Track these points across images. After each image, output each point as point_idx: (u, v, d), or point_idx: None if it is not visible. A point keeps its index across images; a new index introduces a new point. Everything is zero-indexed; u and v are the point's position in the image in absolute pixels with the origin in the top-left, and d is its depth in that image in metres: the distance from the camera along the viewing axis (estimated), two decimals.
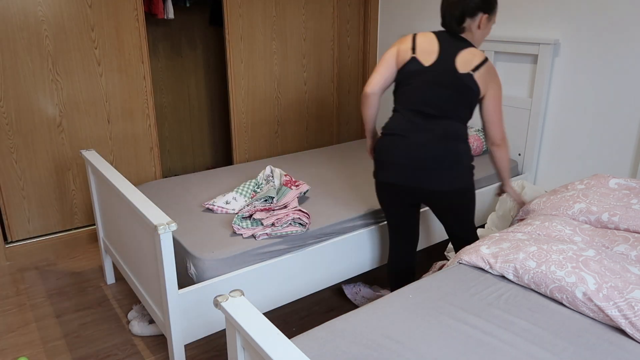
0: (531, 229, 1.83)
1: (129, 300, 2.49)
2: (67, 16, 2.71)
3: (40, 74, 2.72)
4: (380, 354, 1.28)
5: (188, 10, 3.68)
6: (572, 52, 2.69)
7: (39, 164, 2.83)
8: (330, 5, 3.69)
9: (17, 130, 2.73)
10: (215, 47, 3.91)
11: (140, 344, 2.18)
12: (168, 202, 2.35)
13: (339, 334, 1.36)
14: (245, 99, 3.50)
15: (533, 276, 1.55)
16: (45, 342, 2.19)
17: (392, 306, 1.50)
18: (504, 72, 3.04)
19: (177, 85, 3.84)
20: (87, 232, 3.07)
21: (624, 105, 2.52)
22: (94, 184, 2.44)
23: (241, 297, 1.23)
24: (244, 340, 1.19)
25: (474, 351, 1.30)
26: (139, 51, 2.97)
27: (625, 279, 1.46)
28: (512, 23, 2.96)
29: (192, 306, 1.82)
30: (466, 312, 1.47)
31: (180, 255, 1.96)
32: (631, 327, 1.35)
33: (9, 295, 2.55)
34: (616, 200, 1.91)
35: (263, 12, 3.40)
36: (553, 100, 2.83)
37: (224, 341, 2.21)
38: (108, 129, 2.99)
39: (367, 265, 2.34)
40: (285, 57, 3.60)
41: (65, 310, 2.42)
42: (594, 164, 2.70)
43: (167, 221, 1.66)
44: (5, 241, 2.88)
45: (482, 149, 3.02)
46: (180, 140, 3.98)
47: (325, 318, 2.36)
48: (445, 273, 1.69)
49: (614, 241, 1.72)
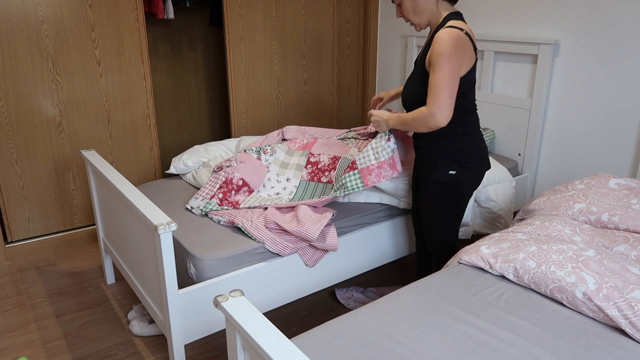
0: (531, 229, 1.83)
1: (129, 300, 2.49)
2: (67, 16, 2.71)
3: (40, 74, 2.72)
4: (380, 354, 1.28)
5: (188, 10, 3.68)
6: (572, 52, 2.69)
7: (39, 164, 2.83)
8: (330, 5, 3.69)
9: (17, 130, 2.73)
10: (215, 47, 3.91)
11: (140, 344, 2.18)
12: (168, 202, 2.35)
13: (339, 334, 1.36)
14: (245, 99, 3.50)
15: (533, 276, 1.55)
16: (45, 342, 2.19)
17: (392, 306, 1.49)
18: (504, 72, 3.04)
19: (177, 85, 3.84)
20: (87, 232, 3.07)
21: (624, 105, 2.52)
22: (94, 184, 2.44)
23: (241, 297, 1.23)
24: (244, 340, 1.19)
25: (474, 351, 1.30)
26: (139, 51, 2.97)
27: (625, 279, 1.46)
28: (512, 23, 2.96)
29: (192, 306, 1.82)
30: (466, 312, 1.46)
31: (180, 255, 1.96)
32: (631, 327, 1.35)
33: (9, 295, 2.55)
34: (616, 200, 1.91)
35: (263, 12, 3.40)
36: (553, 100, 2.83)
37: (224, 341, 2.21)
38: (108, 129, 2.99)
39: (368, 265, 2.35)
40: (285, 57, 3.60)
41: (65, 310, 2.42)
42: (594, 164, 2.70)
43: (167, 221, 1.66)
44: (5, 241, 2.88)
45: None
46: (180, 139, 3.98)
47: (325, 318, 2.36)
48: (445, 273, 1.69)
49: (614, 241, 1.72)
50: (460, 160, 1.89)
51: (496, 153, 3.14)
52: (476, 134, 1.92)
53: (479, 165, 1.94)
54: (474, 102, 1.92)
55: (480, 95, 3.15)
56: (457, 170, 1.89)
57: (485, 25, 3.12)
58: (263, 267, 1.96)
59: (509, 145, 3.06)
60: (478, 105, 3.17)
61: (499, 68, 3.06)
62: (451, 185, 1.93)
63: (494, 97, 3.08)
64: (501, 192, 2.65)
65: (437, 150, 1.90)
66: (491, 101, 3.09)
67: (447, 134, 1.87)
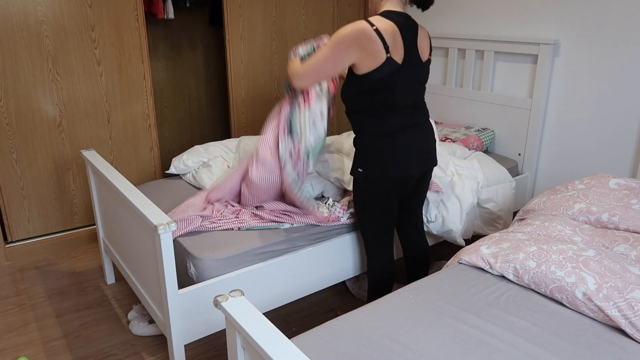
0: (531, 229, 1.83)
1: (129, 300, 2.49)
2: (67, 16, 2.71)
3: (40, 74, 2.72)
4: (380, 354, 1.28)
5: (188, 10, 3.68)
6: (572, 52, 2.69)
7: (39, 164, 2.83)
8: (330, 5, 3.69)
9: (17, 130, 2.73)
10: (215, 47, 3.91)
11: (140, 344, 2.18)
12: (168, 202, 2.35)
13: (339, 334, 1.36)
14: (245, 99, 3.50)
15: (533, 276, 1.55)
16: (45, 342, 2.19)
17: (392, 306, 1.50)
18: (504, 72, 3.04)
19: (177, 85, 3.84)
20: (87, 232, 3.07)
21: (624, 105, 2.52)
22: (94, 184, 2.44)
23: (241, 297, 1.23)
24: (244, 340, 1.19)
25: (474, 351, 1.30)
26: (139, 51, 2.97)
27: (625, 279, 1.46)
28: (512, 23, 2.96)
29: (192, 306, 1.82)
30: (466, 312, 1.47)
31: (180, 255, 1.96)
32: (631, 327, 1.35)
33: (9, 295, 2.55)
34: (616, 201, 1.91)
35: (263, 12, 3.40)
36: (553, 100, 2.83)
37: (224, 341, 2.21)
38: (108, 129, 2.99)
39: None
40: (285, 57, 3.60)
41: (65, 310, 2.42)
42: (594, 164, 2.70)
43: (167, 221, 1.66)
44: (5, 241, 2.88)
45: (483, 148, 3.02)
46: (180, 140, 3.98)
47: (325, 318, 2.36)
48: (445, 273, 1.69)
49: (614, 241, 1.72)
50: (370, 160, 1.85)
51: (496, 153, 3.14)
52: (395, 137, 1.82)
53: (391, 168, 1.84)
54: (397, 104, 1.79)
55: (480, 95, 3.15)
56: (364, 169, 1.86)
57: (485, 25, 3.12)
58: (263, 267, 1.96)
59: (509, 145, 3.06)
60: (478, 105, 3.17)
61: (499, 68, 3.06)
62: (361, 183, 1.92)
63: (494, 97, 3.08)
64: (501, 192, 2.65)
65: (357, 148, 1.90)
66: (491, 101, 3.09)
67: (365, 134, 1.85)
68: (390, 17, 1.75)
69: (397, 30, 1.74)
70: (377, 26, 1.69)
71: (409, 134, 1.85)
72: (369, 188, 1.90)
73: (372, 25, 1.69)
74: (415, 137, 1.86)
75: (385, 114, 1.80)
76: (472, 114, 3.24)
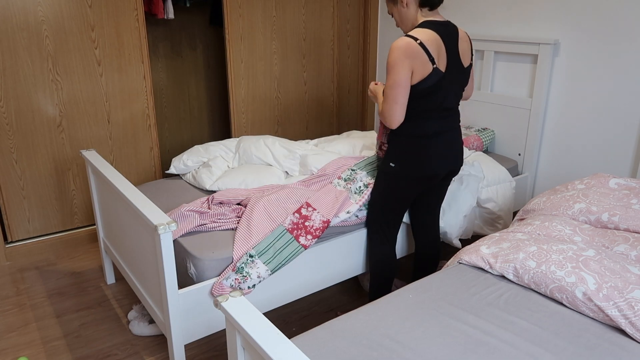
0: (531, 229, 1.83)
1: (129, 300, 2.50)
2: (67, 16, 2.71)
3: (40, 74, 2.72)
4: (380, 354, 1.28)
5: (188, 10, 3.68)
6: (572, 52, 2.69)
7: (39, 164, 2.83)
8: (330, 5, 3.69)
9: (17, 130, 2.73)
10: (215, 47, 3.91)
11: (140, 344, 2.18)
12: (168, 202, 2.35)
13: (339, 334, 1.36)
14: (245, 99, 3.50)
15: (533, 276, 1.55)
16: (45, 342, 2.19)
17: (392, 306, 1.50)
18: (504, 72, 3.04)
19: (177, 85, 3.84)
20: (87, 232, 3.07)
21: (624, 105, 2.52)
22: (94, 184, 2.44)
23: (241, 297, 1.23)
24: (244, 340, 1.19)
25: (474, 351, 1.30)
26: (139, 51, 2.97)
27: (625, 279, 1.46)
28: (512, 23, 2.96)
29: (192, 306, 1.82)
30: (466, 312, 1.47)
31: (180, 255, 1.96)
32: (631, 327, 1.35)
33: (9, 295, 2.55)
34: (616, 200, 1.91)
35: (263, 12, 3.40)
36: (553, 100, 2.83)
37: (224, 341, 2.21)
38: (108, 129, 3.00)
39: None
40: (285, 57, 3.60)
41: (65, 310, 2.42)
42: (594, 164, 2.70)
43: (167, 221, 1.66)
44: (5, 241, 2.88)
45: (483, 148, 3.02)
46: (180, 139, 3.98)
47: (325, 318, 2.36)
48: (445, 273, 1.69)
49: (614, 241, 1.72)
50: (404, 158, 1.93)
51: (496, 153, 3.14)
52: (431, 140, 1.91)
53: (423, 168, 1.94)
54: (432, 111, 1.87)
55: (480, 95, 3.15)
56: (396, 164, 1.95)
57: (485, 25, 3.12)
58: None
59: (509, 145, 3.06)
60: (478, 104, 3.18)
61: (499, 68, 3.06)
62: (389, 175, 1.98)
63: (494, 97, 3.08)
64: (501, 192, 2.65)
65: (390, 144, 1.96)
66: (491, 101, 3.09)
67: (402, 134, 1.92)
68: (431, 27, 1.80)
69: (440, 39, 1.80)
70: (421, 39, 1.75)
71: (444, 138, 1.94)
72: (396, 180, 1.97)
73: (416, 39, 1.74)
74: (448, 141, 1.95)
75: (425, 118, 1.88)
76: (472, 114, 3.24)
